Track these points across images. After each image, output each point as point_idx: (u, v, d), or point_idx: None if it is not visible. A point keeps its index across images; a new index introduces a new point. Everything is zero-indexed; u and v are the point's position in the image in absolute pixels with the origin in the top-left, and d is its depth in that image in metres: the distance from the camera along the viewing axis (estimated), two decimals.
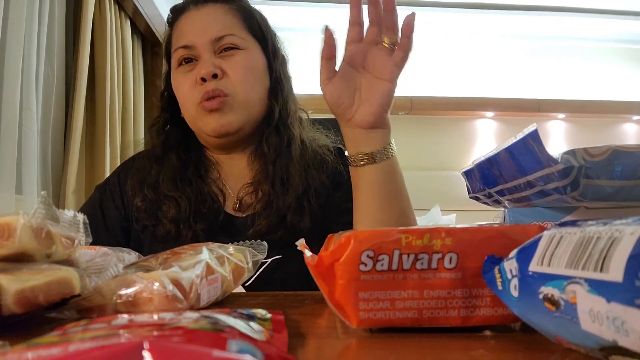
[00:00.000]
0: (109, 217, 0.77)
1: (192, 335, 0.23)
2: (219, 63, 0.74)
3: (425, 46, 2.77)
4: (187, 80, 0.75)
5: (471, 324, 0.35)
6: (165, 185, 0.75)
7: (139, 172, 0.79)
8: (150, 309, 0.37)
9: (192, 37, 0.75)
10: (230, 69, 0.74)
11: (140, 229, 0.77)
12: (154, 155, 0.79)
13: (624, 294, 0.21)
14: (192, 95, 0.74)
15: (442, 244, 0.34)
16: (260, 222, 0.73)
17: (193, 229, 0.72)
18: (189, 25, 0.77)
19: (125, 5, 2.03)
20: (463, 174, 0.56)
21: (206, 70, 0.72)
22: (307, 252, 0.38)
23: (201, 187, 0.77)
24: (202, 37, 0.74)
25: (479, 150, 2.75)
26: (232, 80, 0.74)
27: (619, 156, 0.37)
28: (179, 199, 0.73)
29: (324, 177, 0.80)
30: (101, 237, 0.75)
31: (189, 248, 0.50)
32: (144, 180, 0.77)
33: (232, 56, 0.75)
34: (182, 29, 0.78)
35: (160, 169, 0.77)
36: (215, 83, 0.73)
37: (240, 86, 0.74)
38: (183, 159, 0.79)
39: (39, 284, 0.33)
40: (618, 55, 2.89)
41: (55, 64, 1.60)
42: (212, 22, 0.76)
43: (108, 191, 0.80)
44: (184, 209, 0.73)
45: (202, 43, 0.74)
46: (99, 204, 0.79)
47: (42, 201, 0.36)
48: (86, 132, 1.77)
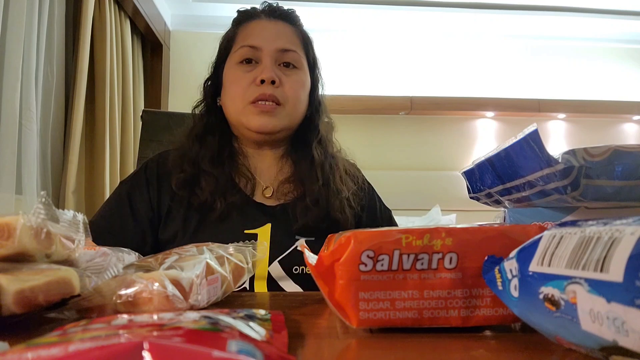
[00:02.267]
0: (136, 208, 0.83)
1: (192, 335, 0.23)
2: (279, 74, 0.83)
3: (425, 46, 2.77)
4: (244, 78, 0.82)
5: (471, 324, 0.35)
6: (205, 162, 0.83)
7: (179, 149, 0.87)
8: (150, 309, 0.37)
9: (261, 40, 0.83)
10: (287, 83, 0.83)
11: (174, 208, 0.82)
12: (195, 134, 0.87)
13: (624, 294, 0.21)
14: (246, 92, 0.82)
15: (442, 244, 0.34)
16: (309, 214, 0.82)
17: (227, 201, 0.80)
18: (259, 29, 0.85)
19: (125, 5, 2.03)
20: (463, 174, 0.56)
21: (268, 75, 0.80)
22: (307, 252, 0.38)
23: (234, 169, 0.86)
24: (270, 44, 0.83)
25: (479, 150, 2.75)
26: (287, 93, 0.83)
27: (619, 156, 0.37)
28: (217, 176, 0.82)
29: (355, 187, 0.91)
30: (129, 225, 0.81)
31: (189, 248, 0.50)
32: (185, 155, 0.84)
33: (291, 71, 0.85)
34: (251, 31, 0.86)
35: (200, 147, 0.85)
36: (272, 89, 0.81)
37: (291, 100, 0.84)
38: (220, 142, 0.87)
39: (38, 284, 0.33)
40: (618, 55, 2.89)
41: (55, 64, 1.60)
42: (281, 34, 0.85)
43: (135, 185, 0.85)
44: (221, 184, 0.81)
45: (268, 49, 0.83)
46: (127, 196, 0.84)
47: (41, 201, 0.36)
48: (86, 132, 1.77)
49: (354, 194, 0.90)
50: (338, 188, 0.86)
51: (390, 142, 2.71)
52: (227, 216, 0.80)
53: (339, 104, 2.42)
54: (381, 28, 2.71)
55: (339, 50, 2.65)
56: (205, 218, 0.80)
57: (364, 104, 2.56)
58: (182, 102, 2.48)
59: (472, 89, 2.73)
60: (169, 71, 2.54)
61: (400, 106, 2.60)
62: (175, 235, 0.80)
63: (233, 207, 0.80)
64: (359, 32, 2.71)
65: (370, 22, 2.66)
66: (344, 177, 0.90)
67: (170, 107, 2.50)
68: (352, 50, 2.70)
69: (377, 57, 2.73)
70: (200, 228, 0.79)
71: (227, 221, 0.80)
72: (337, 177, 0.88)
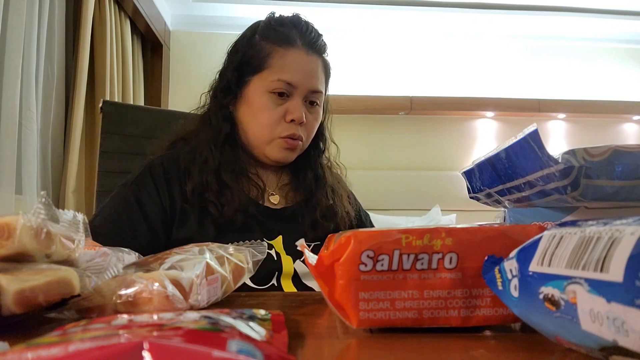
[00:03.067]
0: (147, 210, 0.82)
1: (192, 335, 0.23)
2: (305, 112, 0.86)
3: (425, 46, 2.77)
4: (275, 111, 0.85)
5: (471, 324, 0.35)
6: (227, 175, 0.85)
7: (194, 152, 0.87)
8: (150, 309, 0.37)
9: (299, 79, 0.85)
10: (309, 121, 0.87)
11: (188, 209, 0.83)
12: (215, 142, 0.88)
13: (624, 294, 0.21)
14: (277, 126, 0.85)
15: (442, 244, 0.34)
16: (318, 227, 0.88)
17: (246, 215, 0.82)
18: (297, 65, 0.86)
19: (125, 5, 2.03)
20: (463, 174, 0.56)
21: (300, 116, 0.84)
22: (307, 252, 0.38)
23: (248, 179, 0.89)
24: (305, 84, 0.85)
25: (479, 150, 2.75)
26: (307, 130, 0.88)
27: (619, 156, 0.37)
28: (238, 189, 0.84)
29: (354, 209, 0.97)
30: (141, 229, 0.80)
31: (189, 248, 0.50)
32: (206, 163, 0.85)
33: (314, 109, 0.89)
34: (290, 64, 0.86)
35: (220, 156, 0.86)
36: (299, 129, 0.86)
37: (310, 136, 0.90)
38: (236, 152, 0.89)
39: (38, 284, 0.33)
40: (618, 55, 2.89)
41: (55, 64, 1.60)
42: (314, 73, 0.87)
43: (142, 188, 0.84)
44: (243, 200, 0.83)
45: (303, 88, 0.86)
46: (135, 200, 0.83)
47: (41, 201, 0.36)
48: (86, 132, 1.77)
49: (349, 199, 0.97)
50: (342, 195, 0.94)
51: (390, 142, 2.71)
52: (246, 228, 0.82)
53: (339, 104, 2.41)
54: (381, 28, 2.71)
55: (339, 50, 2.65)
56: (221, 227, 0.81)
57: (364, 104, 2.56)
58: (182, 102, 2.48)
59: (472, 89, 2.73)
60: (169, 71, 2.54)
61: (400, 106, 2.61)
62: (191, 239, 0.79)
63: (251, 219, 0.83)
64: (359, 32, 2.71)
65: (370, 22, 2.67)
66: (350, 198, 0.98)
67: (170, 106, 2.51)
68: (352, 50, 2.70)
69: (377, 57, 2.73)
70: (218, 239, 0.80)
71: (246, 232, 0.81)
72: (340, 192, 0.95)
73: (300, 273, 0.82)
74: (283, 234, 0.85)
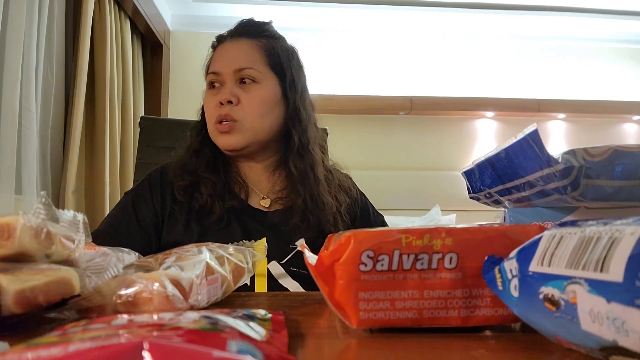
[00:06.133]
0: (141, 215, 0.88)
1: (192, 336, 0.23)
2: (238, 92, 0.87)
3: (425, 46, 2.77)
4: (211, 101, 0.89)
5: (471, 324, 0.35)
6: (202, 170, 0.89)
7: (179, 161, 0.93)
8: (150, 309, 0.37)
9: (221, 66, 0.89)
10: (245, 99, 0.87)
11: (177, 211, 0.87)
12: (193, 149, 0.93)
13: (624, 294, 0.21)
14: (212, 115, 0.88)
15: (442, 244, 0.34)
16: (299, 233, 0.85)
17: (225, 206, 0.85)
18: (221, 54, 0.91)
19: (125, 5, 2.03)
20: (463, 174, 0.56)
21: (222, 97, 0.86)
22: (306, 252, 0.38)
23: (228, 177, 0.91)
24: (227, 67, 0.88)
25: (479, 150, 2.74)
26: (245, 109, 0.87)
27: (619, 156, 0.37)
28: (215, 181, 0.87)
29: (350, 200, 0.95)
30: (134, 231, 0.86)
31: (189, 248, 0.50)
32: (184, 167, 0.90)
33: (249, 87, 0.88)
34: (216, 56, 0.92)
35: (197, 158, 0.91)
36: (228, 109, 0.86)
37: (250, 114, 0.87)
38: (214, 153, 0.93)
39: (38, 284, 0.33)
40: (618, 55, 2.89)
41: (55, 64, 1.59)
42: (238, 55, 0.89)
43: (140, 195, 0.90)
44: (219, 188, 0.86)
45: (226, 72, 0.88)
46: (132, 205, 0.89)
47: (41, 201, 0.36)
48: (86, 132, 1.77)
49: (348, 206, 0.94)
50: (325, 201, 0.88)
51: (390, 142, 2.70)
52: (227, 224, 0.84)
53: (339, 104, 2.42)
54: (381, 28, 2.71)
55: (339, 50, 2.65)
56: (205, 224, 0.84)
57: (363, 104, 2.56)
58: (182, 102, 2.48)
59: (472, 89, 2.73)
60: (169, 71, 2.54)
61: (400, 106, 2.60)
62: (176, 243, 0.81)
63: (232, 213, 0.85)
64: (359, 32, 2.70)
65: (370, 22, 2.66)
66: (339, 193, 0.94)
67: (170, 106, 2.50)
68: (352, 50, 2.70)
69: (377, 57, 2.73)
70: (202, 239, 0.81)
71: (228, 229, 0.84)
72: (327, 190, 0.90)
73: (275, 274, 0.83)
74: (268, 237, 0.84)
